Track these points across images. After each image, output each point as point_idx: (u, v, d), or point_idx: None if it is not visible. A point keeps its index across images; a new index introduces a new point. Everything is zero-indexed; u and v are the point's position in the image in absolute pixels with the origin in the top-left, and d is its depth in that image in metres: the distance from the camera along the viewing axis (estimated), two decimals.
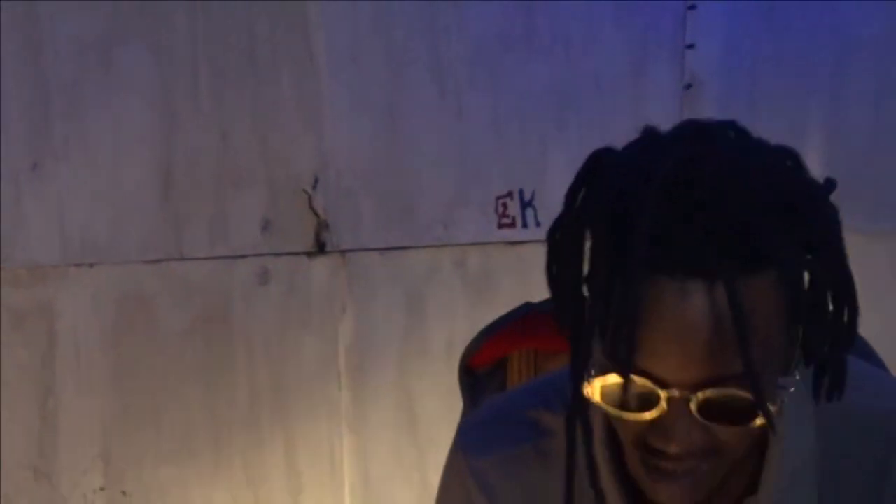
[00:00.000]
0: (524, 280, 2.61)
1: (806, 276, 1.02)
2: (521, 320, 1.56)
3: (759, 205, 0.99)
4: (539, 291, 1.56)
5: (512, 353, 1.53)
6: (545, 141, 2.64)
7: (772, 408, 1.01)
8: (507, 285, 2.65)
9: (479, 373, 1.54)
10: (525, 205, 2.66)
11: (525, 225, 2.66)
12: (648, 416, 1.02)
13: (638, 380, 1.01)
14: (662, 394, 1.01)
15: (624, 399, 1.03)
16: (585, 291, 1.06)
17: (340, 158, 2.60)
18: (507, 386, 1.52)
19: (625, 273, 0.98)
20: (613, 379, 1.02)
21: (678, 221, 0.98)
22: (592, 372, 1.04)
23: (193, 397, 2.58)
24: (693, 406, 1.01)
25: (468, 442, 1.26)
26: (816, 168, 1.06)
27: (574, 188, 1.06)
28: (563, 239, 1.06)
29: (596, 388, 1.04)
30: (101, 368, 2.53)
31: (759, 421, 1.01)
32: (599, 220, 1.02)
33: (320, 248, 2.61)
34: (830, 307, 1.03)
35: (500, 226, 2.67)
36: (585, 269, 1.06)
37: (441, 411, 2.54)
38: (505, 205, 2.66)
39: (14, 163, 2.45)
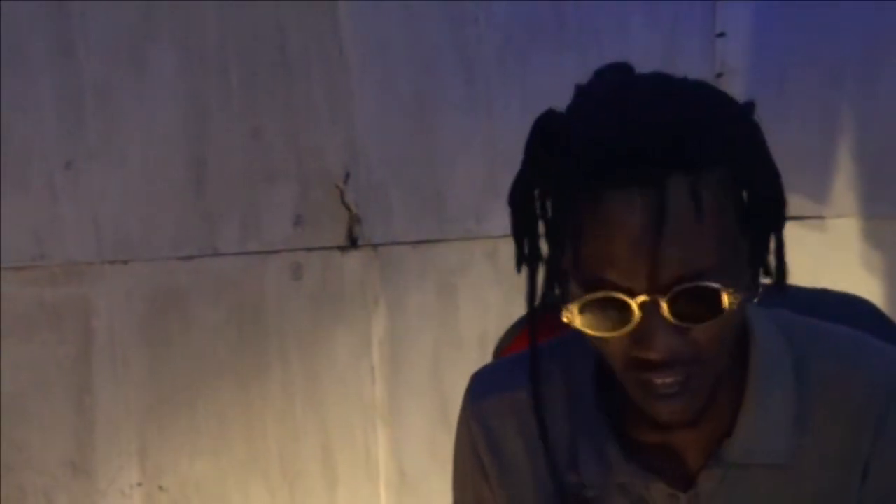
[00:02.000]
0: None
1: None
2: (553, 312, 1.57)
3: (688, 110, 1.05)
4: None
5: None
6: None
7: (735, 296, 1.06)
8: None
9: None
10: None
11: None
12: (626, 329, 1.07)
13: (608, 294, 1.06)
14: (633, 302, 1.05)
15: (600, 321, 1.08)
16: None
17: (371, 152, 2.60)
18: None
19: (570, 192, 1.05)
20: (586, 300, 1.08)
21: (614, 133, 1.04)
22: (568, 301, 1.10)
23: (228, 392, 2.60)
24: (665, 307, 1.05)
25: (474, 387, 1.33)
26: (847, 155, 1.08)
27: (526, 150, 1.13)
28: (518, 197, 1.15)
29: (574, 315, 1.09)
30: (136, 364, 2.55)
31: (726, 302, 1.06)
32: (543, 160, 1.10)
33: (352, 243, 2.62)
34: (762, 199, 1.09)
35: None
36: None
37: None
38: None
39: (48, 161, 2.47)
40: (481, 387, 1.33)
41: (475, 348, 2.61)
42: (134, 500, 2.59)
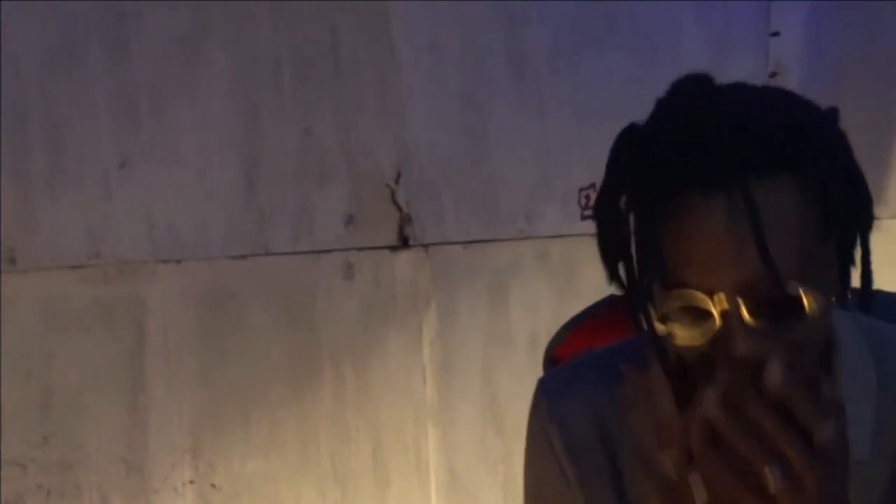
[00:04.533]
0: None
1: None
2: (605, 313, 1.57)
3: (775, 114, 1.05)
4: None
5: (596, 345, 1.53)
6: None
7: (818, 300, 1.05)
8: (590, 278, 2.62)
9: None
10: None
11: None
12: (707, 336, 1.06)
13: (686, 291, 1.06)
14: (712, 306, 1.05)
15: (682, 329, 1.08)
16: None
17: (422, 152, 2.60)
18: None
19: (655, 195, 1.05)
20: (666, 303, 1.07)
21: (700, 138, 1.04)
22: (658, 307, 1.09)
23: (279, 391, 2.61)
24: (745, 309, 1.04)
25: (547, 388, 1.32)
26: None
27: (610, 162, 1.15)
28: (605, 206, 1.13)
29: (657, 324, 1.09)
30: (189, 363, 2.57)
31: (808, 306, 1.05)
32: (628, 168, 1.11)
33: (403, 242, 2.62)
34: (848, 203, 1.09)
35: (583, 217, 2.66)
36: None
37: (525, 404, 2.54)
38: (588, 196, 2.65)
39: (103, 161, 2.49)
40: (554, 387, 1.32)
41: (526, 348, 2.61)
42: (187, 497, 2.60)
